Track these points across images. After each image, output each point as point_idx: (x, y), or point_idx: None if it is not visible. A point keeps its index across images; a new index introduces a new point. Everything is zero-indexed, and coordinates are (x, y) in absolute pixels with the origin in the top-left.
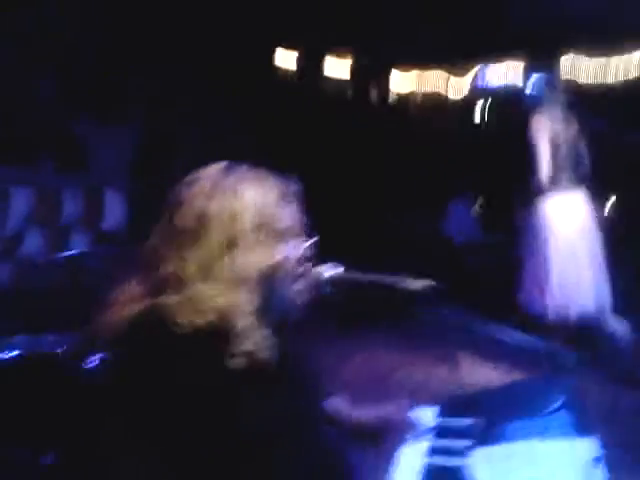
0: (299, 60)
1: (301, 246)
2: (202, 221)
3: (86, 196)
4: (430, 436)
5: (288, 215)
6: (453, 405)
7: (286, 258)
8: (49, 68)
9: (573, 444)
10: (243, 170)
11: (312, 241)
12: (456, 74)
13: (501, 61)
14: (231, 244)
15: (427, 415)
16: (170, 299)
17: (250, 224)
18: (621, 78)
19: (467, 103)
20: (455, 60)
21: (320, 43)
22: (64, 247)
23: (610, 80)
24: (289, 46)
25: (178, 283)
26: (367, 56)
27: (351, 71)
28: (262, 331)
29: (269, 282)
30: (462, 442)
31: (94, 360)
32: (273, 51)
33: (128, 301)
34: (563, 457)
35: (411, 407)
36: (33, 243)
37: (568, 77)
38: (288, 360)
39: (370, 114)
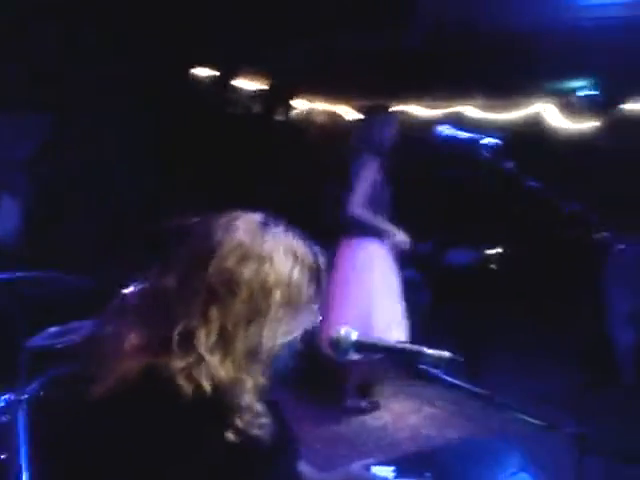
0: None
1: (313, 315)
2: (231, 285)
3: None
4: None
5: (311, 289)
6: (409, 463)
7: (299, 333)
8: None
9: None
10: (280, 233)
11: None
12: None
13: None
14: (256, 317)
15: (387, 473)
16: (176, 362)
17: (280, 299)
18: None
19: None
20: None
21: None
22: None
23: None
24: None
25: (188, 345)
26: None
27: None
28: (258, 408)
29: (278, 356)
30: None
31: None
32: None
33: (134, 352)
34: None
35: (370, 466)
36: None
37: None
38: (278, 430)
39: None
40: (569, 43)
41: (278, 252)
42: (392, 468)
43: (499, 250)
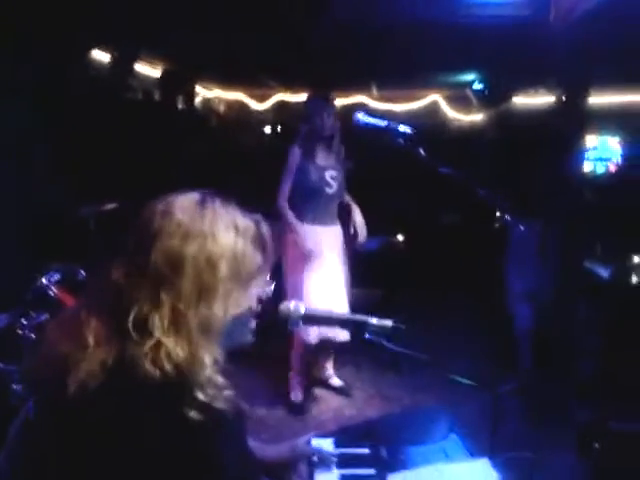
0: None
1: (265, 286)
2: (177, 265)
3: None
4: (337, 465)
5: (258, 259)
6: (348, 435)
7: (251, 303)
8: None
9: (474, 464)
10: (219, 207)
11: (271, 281)
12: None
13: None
14: (205, 292)
15: (327, 445)
16: (137, 348)
17: (227, 272)
18: None
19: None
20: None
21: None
22: None
23: None
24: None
25: (144, 330)
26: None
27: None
28: (220, 381)
29: (231, 328)
30: (370, 470)
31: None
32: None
33: (99, 344)
34: (472, 476)
35: (311, 439)
36: None
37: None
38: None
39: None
40: (460, 38)
41: (219, 226)
42: (331, 440)
43: (403, 236)
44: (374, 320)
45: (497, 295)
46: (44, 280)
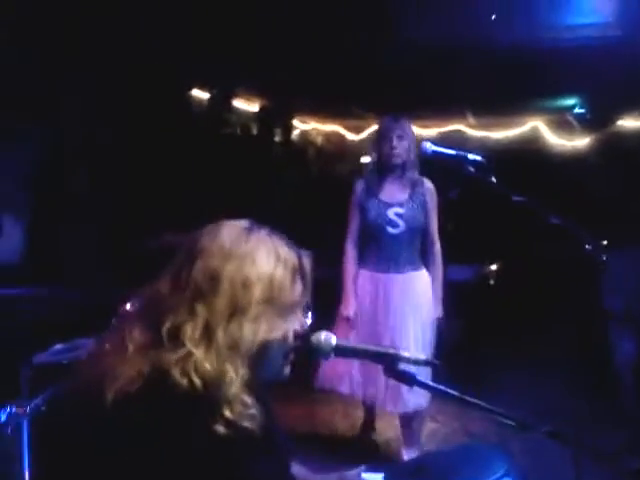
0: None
1: (301, 321)
2: (214, 282)
3: None
4: None
5: (297, 291)
6: (398, 470)
7: (285, 333)
8: None
9: None
10: (264, 235)
11: (310, 317)
12: (351, 130)
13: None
14: (237, 312)
15: (377, 479)
16: (168, 356)
17: (260, 296)
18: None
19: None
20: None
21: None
22: None
23: None
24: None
25: (177, 340)
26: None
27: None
28: (247, 400)
29: (263, 354)
30: None
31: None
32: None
33: (137, 352)
34: None
35: (361, 472)
36: None
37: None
38: (270, 426)
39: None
40: (556, 61)
41: (260, 252)
42: (381, 475)
43: (497, 266)
44: (405, 353)
45: (592, 328)
46: (128, 307)
